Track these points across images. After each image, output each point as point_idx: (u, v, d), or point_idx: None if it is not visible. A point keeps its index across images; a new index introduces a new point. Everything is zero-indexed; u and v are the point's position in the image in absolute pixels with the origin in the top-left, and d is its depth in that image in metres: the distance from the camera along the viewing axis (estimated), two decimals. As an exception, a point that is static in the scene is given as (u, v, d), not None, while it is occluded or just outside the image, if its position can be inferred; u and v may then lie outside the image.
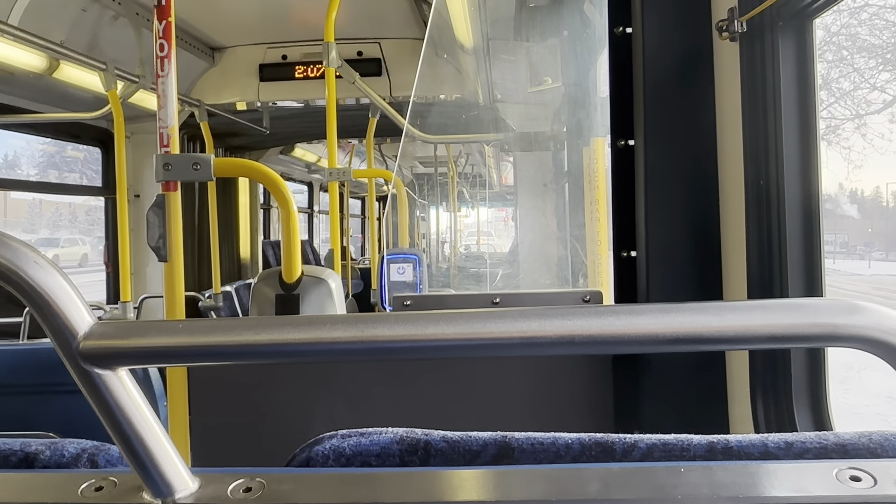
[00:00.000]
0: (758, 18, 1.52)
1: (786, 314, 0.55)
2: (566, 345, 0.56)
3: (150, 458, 0.60)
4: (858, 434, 0.69)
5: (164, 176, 1.76)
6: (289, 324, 0.58)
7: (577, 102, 3.41)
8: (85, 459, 0.75)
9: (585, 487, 0.61)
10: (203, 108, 5.17)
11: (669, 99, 1.73)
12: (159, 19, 1.76)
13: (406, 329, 0.57)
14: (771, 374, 1.57)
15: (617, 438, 0.70)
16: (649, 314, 0.56)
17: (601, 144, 2.87)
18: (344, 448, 0.71)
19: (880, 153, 4.42)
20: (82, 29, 4.09)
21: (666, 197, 1.74)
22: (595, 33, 3.02)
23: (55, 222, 15.14)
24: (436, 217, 11.93)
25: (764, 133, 1.54)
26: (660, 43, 1.72)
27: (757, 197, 1.57)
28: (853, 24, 4.09)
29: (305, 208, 10.38)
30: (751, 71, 1.57)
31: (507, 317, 0.57)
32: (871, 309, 0.55)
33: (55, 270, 0.57)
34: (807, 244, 1.51)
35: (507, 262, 7.97)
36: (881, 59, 4.21)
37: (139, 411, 0.60)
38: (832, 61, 4.16)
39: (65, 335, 0.56)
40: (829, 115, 4.32)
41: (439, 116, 5.27)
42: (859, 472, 0.60)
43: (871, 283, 6.87)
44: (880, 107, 4.35)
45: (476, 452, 0.71)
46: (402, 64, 5.17)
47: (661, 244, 1.74)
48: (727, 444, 0.69)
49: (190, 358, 0.61)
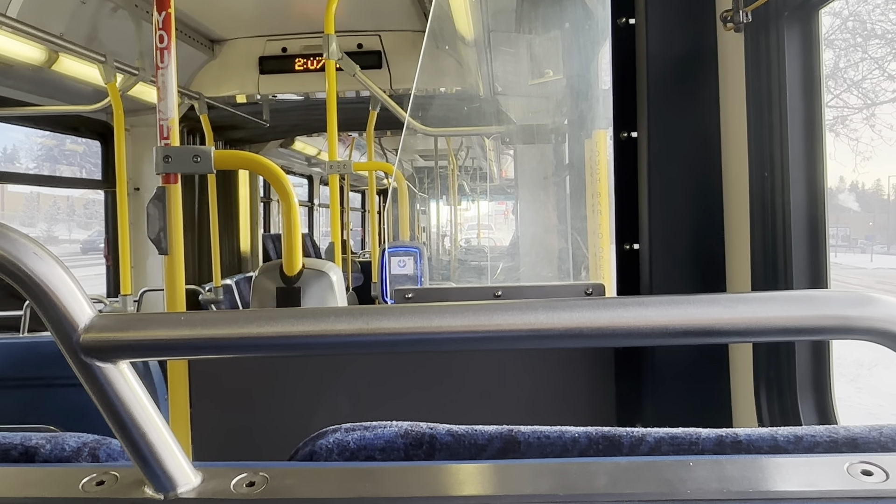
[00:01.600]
0: (763, 9, 1.51)
1: (797, 306, 0.54)
2: (574, 337, 0.55)
3: (151, 452, 0.60)
4: (869, 428, 0.68)
5: (164, 168, 1.75)
6: (292, 316, 0.57)
7: (579, 94, 3.39)
8: (86, 453, 0.74)
9: (593, 482, 0.61)
10: (203, 100, 5.15)
11: (673, 90, 1.72)
12: (159, 10, 1.75)
13: (412, 321, 0.56)
14: (775, 369, 1.56)
15: (625, 432, 0.70)
16: (659, 306, 0.55)
17: (603, 136, 2.85)
18: (348, 442, 0.71)
19: (889, 144, 4.38)
20: (81, 21, 4.07)
21: (669, 189, 1.73)
22: (597, 25, 3.00)
23: (53, 216, 15.13)
24: (436, 210, 11.92)
25: (769, 124, 1.53)
26: (663, 34, 1.71)
27: (761, 189, 1.56)
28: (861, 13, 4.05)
29: (306, 202, 10.37)
30: (755, 62, 1.55)
31: (514, 309, 0.56)
32: (884, 301, 0.54)
33: (55, 262, 0.56)
34: (812, 237, 1.50)
35: (507, 255, 7.96)
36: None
37: (140, 405, 0.59)
38: (843, 48, 4.12)
39: (65, 328, 0.56)
40: (839, 104, 4.28)
41: (440, 109, 5.25)
42: (871, 465, 0.60)
43: (875, 277, 6.85)
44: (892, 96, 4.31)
45: (482, 446, 0.70)
46: (403, 56, 5.15)
47: (663, 237, 1.73)
48: (736, 438, 0.68)
49: (191, 351, 0.60)
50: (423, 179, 12.53)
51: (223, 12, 4.89)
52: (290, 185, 2.02)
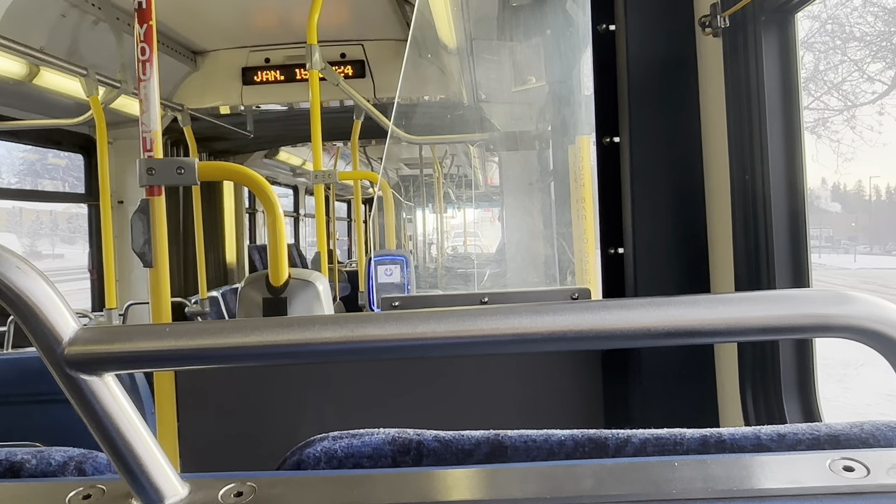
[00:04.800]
0: (740, 13, 1.53)
1: (777, 305, 0.55)
2: (557, 340, 0.56)
3: (138, 465, 0.59)
4: (850, 424, 0.69)
5: (147, 181, 1.75)
6: (278, 325, 0.57)
7: (562, 101, 3.41)
8: (72, 467, 0.74)
9: (579, 484, 0.61)
10: (186, 112, 5.13)
11: (654, 95, 1.74)
12: (140, 23, 1.74)
13: (396, 328, 0.56)
14: (760, 368, 1.58)
15: (610, 434, 0.70)
16: (640, 308, 0.56)
17: (586, 142, 2.87)
18: (335, 450, 0.71)
19: (870, 145, 4.43)
20: (62, 34, 4.06)
21: (652, 193, 1.74)
22: (578, 31, 3.02)
23: (35, 231, 15.00)
24: (422, 218, 11.92)
25: (748, 127, 1.54)
26: (643, 39, 1.73)
27: (743, 191, 1.58)
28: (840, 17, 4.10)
29: (291, 212, 10.34)
30: (734, 66, 1.57)
31: (497, 314, 0.57)
32: (860, 299, 0.55)
33: (38, 276, 0.56)
34: (793, 238, 1.51)
35: (494, 262, 7.97)
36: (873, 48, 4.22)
37: (126, 417, 0.59)
38: (822, 51, 4.17)
39: (49, 341, 0.55)
40: (820, 107, 4.33)
41: (424, 117, 5.26)
42: (852, 461, 0.60)
43: (858, 277, 6.91)
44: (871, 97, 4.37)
45: (469, 451, 0.71)
46: (386, 65, 5.16)
47: (647, 240, 1.75)
48: (720, 438, 0.69)
49: (177, 362, 0.60)
50: (408, 188, 12.53)
51: (205, 24, 4.88)
52: (274, 195, 2.01)
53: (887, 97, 4.36)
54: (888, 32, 4.26)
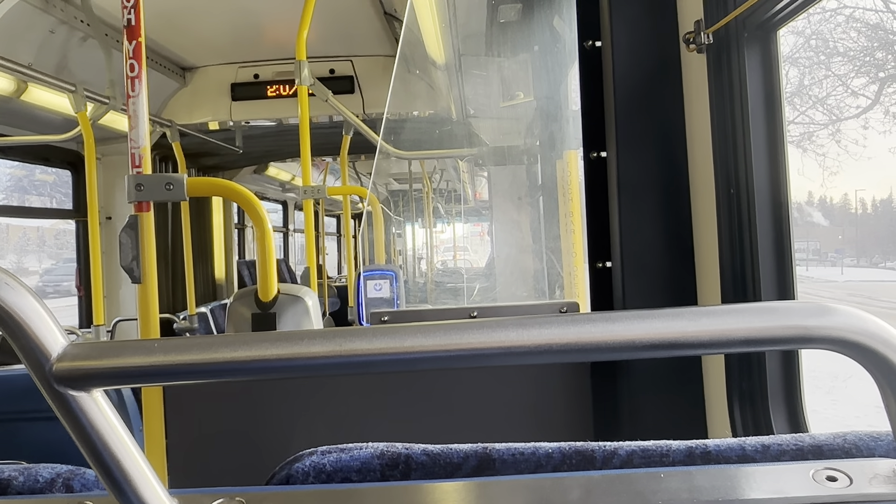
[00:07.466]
0: (723, 30, 1.55)
1: (759, 317, 0.56)
2: (544, 353, 0.56)
3: (126, 481, 0.59)
4: (833, 435, 0.70)
5: (136, 196, 1.75)
6: (266, 340, 0.58)
7: (550, 116, 3.44)
8: (60, 484, 0.73)
9: (567, 496, 0.62)
10: (175, 128, 5.13)
11: (640, 110, 1.76)
12: (129, 40, 1.75)
13: (385, 342, 0.57)
14: (747, 379, 1.59)
15: (597, 446, 0.71)
16: (625, 321, 0.56)
17: (574, 157, 2.89)
18: (324, 464, 0.71)
19: (855, 159, 4.47)
20: (50, 51, 4.05)
21: (639, 207, 1.76)
22: (565, 47, 3.05)
23: (23, 247, 14.90)
24: (412, 233, 11.92)
25: (733, 142, 1.56)
26: (629, 55, 1.75)
27: (728, 205, 1.59)
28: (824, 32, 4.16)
29: (280, 227, 10.32)
30: (718, 81, 1.59)
31: (485, 327, 0.57)
32: (841, 311, 0.56)
33: (26, 291, 0.56)
34: (778, 250, 1.53)
35: (483, 276, 7.98)
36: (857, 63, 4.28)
37: (115, 433, 0.59)
38: (807, 66, 4.22)
39: (37, 357, 0.55)
40: (806, 121, 4.37)
41: (413, 133, 5.28)
42: (835, 472, 0.61)
43: (846, 290, 6.95)
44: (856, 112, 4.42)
45: (457, 465, 0.71)
46: (375, 81, 5.18)
47: (635, 254, 1.76)
48: (705, 449, 0.70)
49: (166, 377, 0.60)
50: (398, 202, 12.55)
51: (194, 40, 4.89)
52: (263, 210, 2.02)
53: (871, 111, 4.42)
54: (871, 48, 4.32)
